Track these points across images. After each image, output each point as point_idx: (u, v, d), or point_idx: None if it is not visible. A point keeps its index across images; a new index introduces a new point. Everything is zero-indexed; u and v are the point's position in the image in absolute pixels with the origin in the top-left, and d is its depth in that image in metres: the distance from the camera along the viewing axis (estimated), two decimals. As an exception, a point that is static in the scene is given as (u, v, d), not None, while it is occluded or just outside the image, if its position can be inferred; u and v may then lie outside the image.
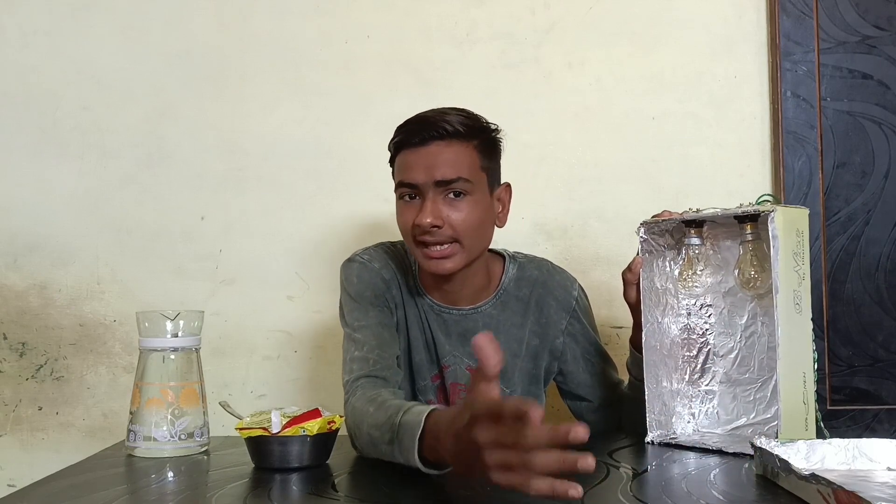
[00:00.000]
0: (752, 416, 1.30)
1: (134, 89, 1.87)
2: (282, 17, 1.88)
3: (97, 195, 1.87)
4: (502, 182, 1.41)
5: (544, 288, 1.45)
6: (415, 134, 1.31)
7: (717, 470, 1.07)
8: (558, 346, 1.45)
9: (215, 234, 1.87)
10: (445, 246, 1.31)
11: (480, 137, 1.34)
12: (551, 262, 1.50)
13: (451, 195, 1.30)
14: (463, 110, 1.35)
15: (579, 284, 1.49)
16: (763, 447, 1.01)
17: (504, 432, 0.81)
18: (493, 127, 1.37)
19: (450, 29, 1.87)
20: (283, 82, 1.87)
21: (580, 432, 0.77)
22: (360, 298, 1.38)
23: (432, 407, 1.02)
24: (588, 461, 0.77)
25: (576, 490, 0.78)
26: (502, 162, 1.41)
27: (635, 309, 1.34)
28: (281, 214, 1.87)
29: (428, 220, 1.28)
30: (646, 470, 1.08)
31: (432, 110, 1.34)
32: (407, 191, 1.32)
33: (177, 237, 1.86)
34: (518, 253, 1.49)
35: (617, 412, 1.46)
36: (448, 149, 1.30)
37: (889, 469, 1.03)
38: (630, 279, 1.32)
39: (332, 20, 1.87)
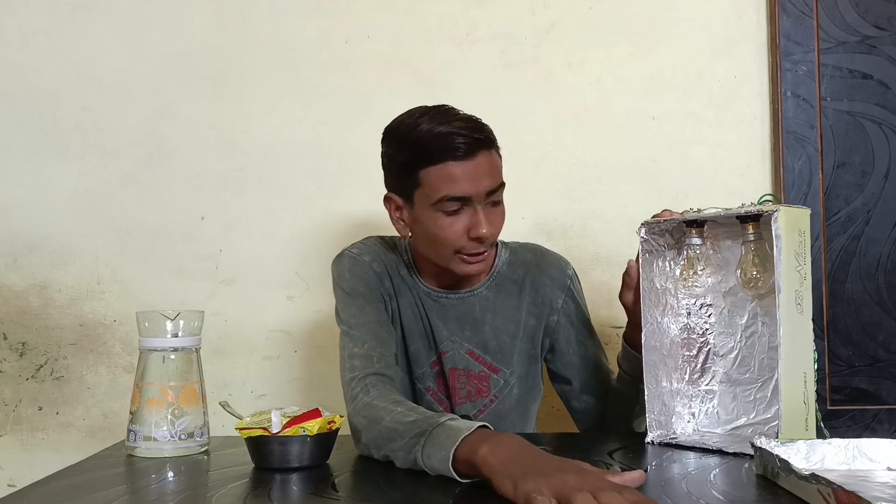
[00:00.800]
0: (752, 416, 1.30)
1: (134, 89, 1.87)
2: (282, 17, 1.88)
3: (97, 195, 1.87)
4: None
5: (538, 268, 1.46)
6: (458, 145, 1.26)
7: (717, 470, 1.07)
8: (552, 324, 1.47)
9: (215, 234, 1.87)
10: (486, 251, 1.34)
11: (495, 141, 1.35)
12: (543, 246, 1.52)
13: (494, 203, 1.33)
14: (457, 110, 1.33)
15: (572, 267, 1.50)
16: (763, 447, 1.01)
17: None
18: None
19: (450, 29, 1.87)
20: (283, 82, 1.87)
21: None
22: (355, 294, 1.38)
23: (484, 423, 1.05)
24: None
25: None
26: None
27: (631, 311, 1.35)
28: (281, 214, 1.87)
29: (487, 231, 1.29)
30: (646, 470, 1.08)
31: (452, 116, 1.30)
32: (456, 204, 1.29)
33: (177, 237, 1.86)
34: (510, 241, 1.51)
35: (602, 402, 1.47)
36: (490, 158, 1.31)
37: (889, 469, 1.03)
38: (628, 282, 1.33)
39: (332, 20, 1.87)
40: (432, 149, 1.27)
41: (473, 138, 1.28)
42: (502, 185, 1.33)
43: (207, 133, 1.87)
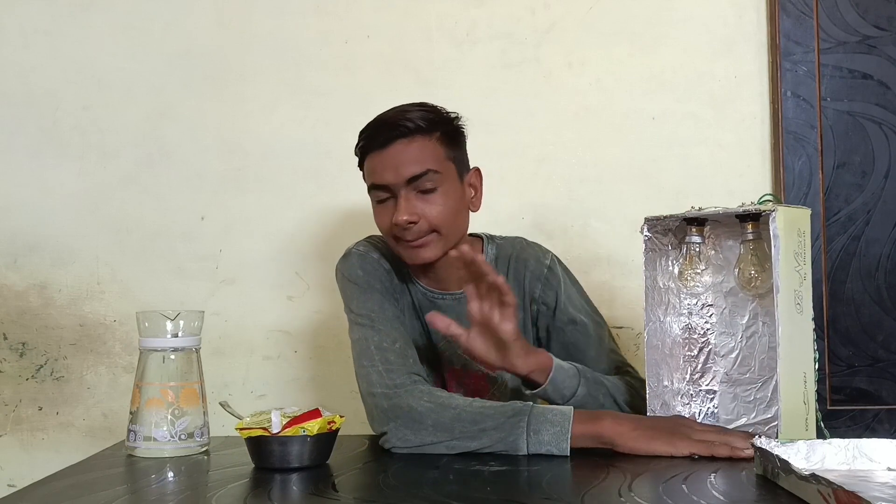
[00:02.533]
0: (752, 416, 1.30)
1: (134, 89, 1.87)
2: (282, 16, 1.88)
3: (97, 195, 1.87)
4: (472, 167, 1.42)
5: (518, 261, 1.46)
6: (377, 136, 1.34)
7: (717, 470, 1.07)
8: (534, 314, 1.46)
9: (215, 234, 1.87)
10: (423, 238, 1.33)
11: (442, 129, 1.36)
12: (525, 239, 1.52)
13: (423, 190, 1.33)
14: (423, 104, 1.37)
15: (554, 255, 1.49)
16: (763, 447, 1.01)
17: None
18: (453, 116, 1.39)
19: (450, 29, 1.87)
20: (283, 82, 1.87)
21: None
22: (370, 289, 1.37)
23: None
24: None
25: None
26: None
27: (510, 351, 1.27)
28: (281, 214, 1.87)
29: (404, 218, 1.31)
30: (646, 470, 1.08)
31: (392, 109, 1.37)
32: (380, 193, 1.35)
33: (177, 237, 1.86)
34: (496, 235, 1.51)
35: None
36: (412, 145, 1.33)
37: (889, 469, 1.03)
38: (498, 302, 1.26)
39: (332, 20, 1.87)
40: (361, 144, 1.37)
41: (389, 129, 1.33)
42: (429, 171, 1.32)
43: (207, 133, 1.87)
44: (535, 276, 1.46)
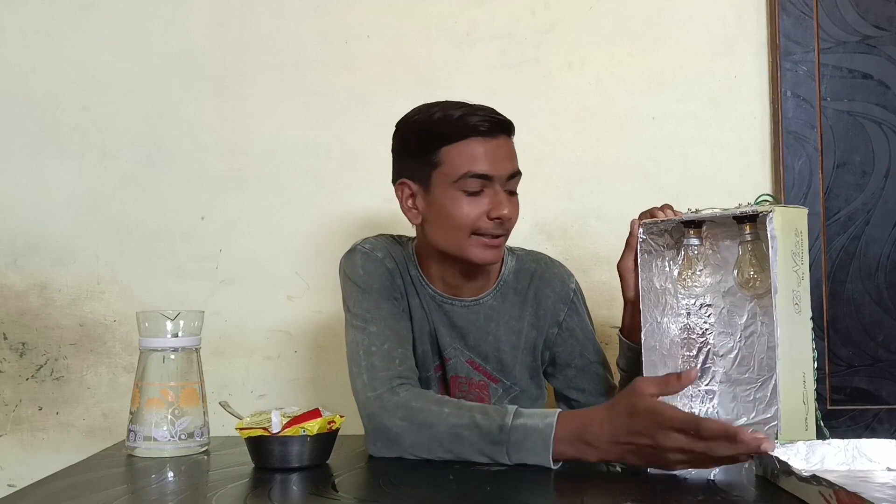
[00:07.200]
0: (752, 416, 1.30)
1: (134, 89, 1.88)
2: (282, 17, 1.88)
3: (97, 195, 1.87)
4: None
5: (542, 280, 1.43)
6: (484, 123, 1.29)
7: (717, 470, 1.07)
8: (551, 336, 1.43)
9: (215, 234, 1.87)
10: (503, 237, 1.33)
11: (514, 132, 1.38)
12: (548, 256, 1.49)
13: (511, 191, 1.33)
14: None
15: (575, 279, 1.48)
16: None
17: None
18: None
19: (450, 29, 1.88)
20: (283, 82, 1.87)
21: (768, 447, 0.95)
22: (369, 289, 1.34)
23: (556, 412, 1.12)
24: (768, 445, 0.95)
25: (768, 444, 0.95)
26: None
27: (627, 282, 1.34)
28: (281, 214, 1.87)
29: (506, 212, 1.29)
30: (646, 470, 1.08)
31: (465, 102, 1.33)
32: (476, 183, 1.29)
33: (177, 237, 1.87)
34: (516, 247, 1.48)
35: None
36: (510, 142, 1.34)
37: (889, 469, 1.03)
38: (631, 242, 1.33)
39: (332, 20, 1.87)
40: (455, 126, 1.29)
41: (496, 119, 1.31)
42: (520, 173, 1.34)
43: (207, 133, 1.87)
44: (561, 298, 1.43)
